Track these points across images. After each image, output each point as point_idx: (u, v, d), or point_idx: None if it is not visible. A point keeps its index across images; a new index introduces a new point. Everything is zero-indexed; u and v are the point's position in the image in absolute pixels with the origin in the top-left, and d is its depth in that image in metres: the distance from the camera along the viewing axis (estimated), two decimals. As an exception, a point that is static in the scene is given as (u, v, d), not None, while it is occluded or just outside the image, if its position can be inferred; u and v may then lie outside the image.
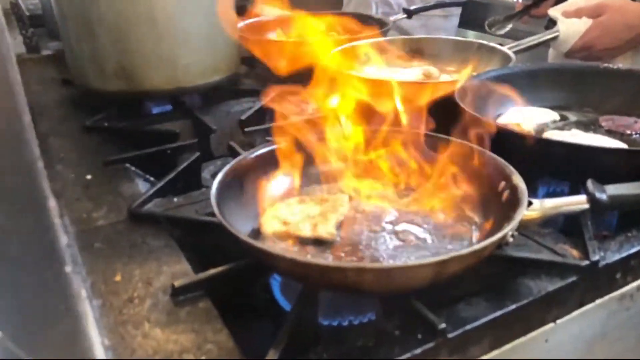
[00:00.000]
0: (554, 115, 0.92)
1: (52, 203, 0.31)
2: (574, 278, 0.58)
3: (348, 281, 0.49)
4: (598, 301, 0.61)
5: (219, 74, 1.16)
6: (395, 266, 0.48)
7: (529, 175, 0.79)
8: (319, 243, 0.62)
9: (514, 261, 0.60)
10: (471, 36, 2.02)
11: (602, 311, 0.62)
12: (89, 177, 0.85)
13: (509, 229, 0.53)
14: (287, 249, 0.61)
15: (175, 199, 0.78)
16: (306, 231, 0.63)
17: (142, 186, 0.84)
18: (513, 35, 1.35)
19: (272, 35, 1.52)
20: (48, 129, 1.05)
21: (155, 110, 1.17)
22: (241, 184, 0.67)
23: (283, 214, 0.66)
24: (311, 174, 0.75)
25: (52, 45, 1.64)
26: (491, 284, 0.59)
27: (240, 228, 0.64)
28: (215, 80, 1.16)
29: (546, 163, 0.74)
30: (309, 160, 0.75)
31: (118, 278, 0.60)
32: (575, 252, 0.61)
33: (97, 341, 0.46)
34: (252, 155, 0.69)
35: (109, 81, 1.09)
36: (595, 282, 0.60)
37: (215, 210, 0.57)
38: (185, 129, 1.07)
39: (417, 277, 0.50)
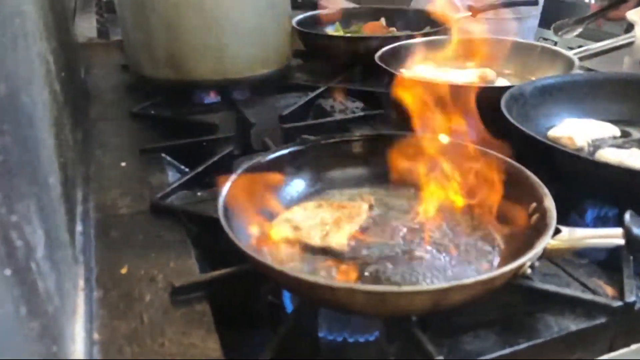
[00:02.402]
0: (615, 131, 0.83)
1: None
2: (602, 319, 0.52)
3: (339, 301, 0.46)
4: (633, 347, 0.55)
5: (267, 67, 1.15)
6: (388, 290, 0.45)
7: (577, 196, 0.72)
8: (329, 253, 0.59)
9: (536, 293, 0.54)
10: (553, 37, 1.90)
11: (638, 357, 0.56)
12: (123, 164, 0.86)
13: (525, 259, 0.48)
14: (292, 257, 0.59)
15: (199, 193, 0.77)
16: (315, 240, 0.60)
17: (173, 177, 0.84)
18: (599, 38, 1.24)
19: (330, 29, 1.49)
20: (98, 113, 1.08)
21: (207, 101, 1.18)
22: (258, 186, 0.65)
23: (297, 218, 0.64)
24: (335, 178, 0.72)
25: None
26: (507, 315, 0.54)
27: (253, 231, 0.63)
28: (264, 73, 1.15)
29: (594, 185, 0.67)
30: (335, 163, 0.72)
31: (124, 270, 0.60)
32: (610, 290, 0.55)
33: (79, 338, 0.45)
34: (271, 157, 0.67)
35: (159, 69, 1.11)
36: (630, 325, 0.53)
37: (220, 212, 0.56)
38: (228, 121, 1.07)
39: (414, 304, 0.46)
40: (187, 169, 0.89)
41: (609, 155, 0.73)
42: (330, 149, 0.71)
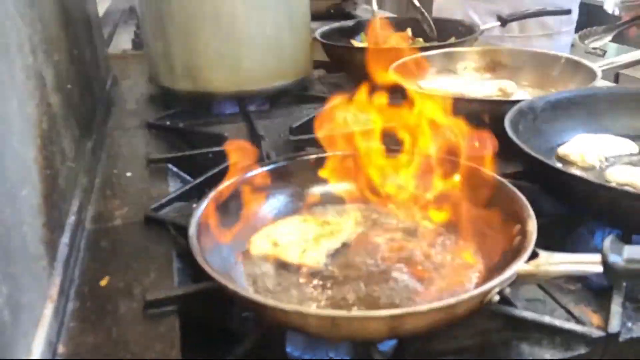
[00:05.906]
0: (632, 147, 0.78)
1: None
2: (581, 351, 0.48)
3: (292, 323, 0.45)
4: (621, 382, 0.51)
5: (284, 79, 1.15)
6: (338, 315, 0.43)
7: (582, 216, 0.68)
8: (305, 270, 0.58)
9: (514, 320, 0.51)
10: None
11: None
12: (128, 174, 0.88)
13: (491, 286, 0.45)
14: (267, 274, 0.58)
15: (194, 205, 0.77)
16: (293, 257, 0.59)
17: (175, 188, 0.84)
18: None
19: (356, 39, 1.48)
20: (116, 123, 1.11)
21: (227, 111, 1.18)
22: (243, 200, 0.65)
23: (278, 233, 0.63)
24: (324, 192, 0.70)
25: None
26: (484, 342, 0.51)
27: (231, 247, 0.62)
28: (280, 85, 1.14)
29: (595, 206, 0.63)
30: (323, 178, 0.71)
31: (104, 282, 0.61)
32: (596, 319, 0.51)
33: (37, 351, 0.46)
34: (255, 172, 0.67)
35: (177, 80, 1.13)
36: (616, 359, 0.50)
37: (192, 228, 0.56)
38: (241, 133, 1.07)
39: (368, 329, 0.44)
40: (191, 180, 0.89)
41: (618, 173, 0.69)
42: (318, 163, 0.69)
